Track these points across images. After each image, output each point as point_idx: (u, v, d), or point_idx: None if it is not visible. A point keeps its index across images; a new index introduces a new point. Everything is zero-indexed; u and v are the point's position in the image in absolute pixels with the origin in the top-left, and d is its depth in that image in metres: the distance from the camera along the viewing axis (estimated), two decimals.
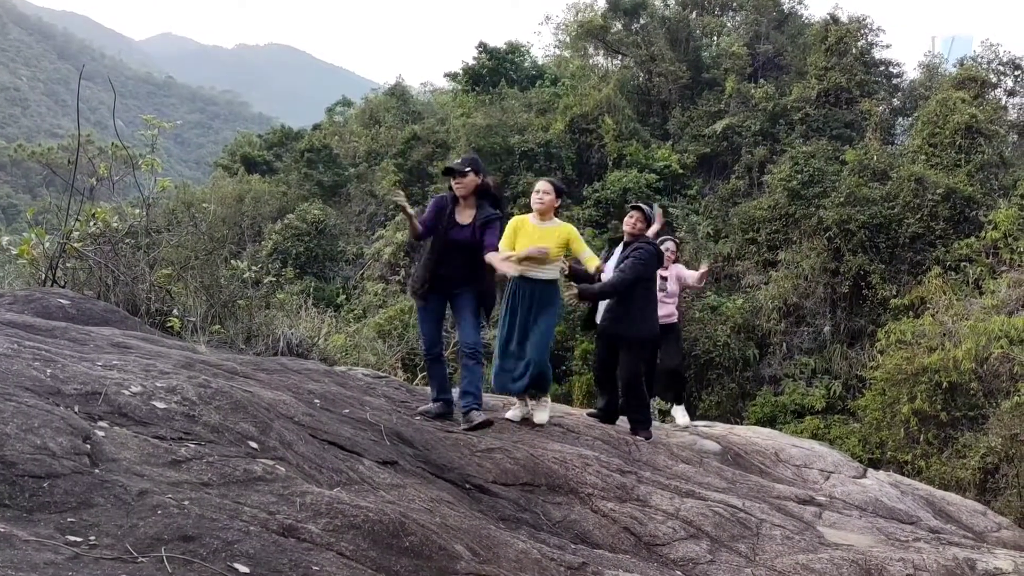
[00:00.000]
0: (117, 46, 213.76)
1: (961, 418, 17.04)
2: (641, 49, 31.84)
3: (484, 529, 3.62)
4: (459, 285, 5.86)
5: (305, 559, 2.55)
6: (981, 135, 23.14)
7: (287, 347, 7.51)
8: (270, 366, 5.41)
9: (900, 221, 22.27)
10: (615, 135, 28.21)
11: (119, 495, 2.60)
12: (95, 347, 4.40)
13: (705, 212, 26.87)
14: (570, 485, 4.99)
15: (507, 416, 6.35)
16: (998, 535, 7.34)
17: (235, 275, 8.31)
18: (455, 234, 5.84)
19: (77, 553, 2.26)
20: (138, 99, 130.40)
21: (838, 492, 7.13)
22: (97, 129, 35.37)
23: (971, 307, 18.73)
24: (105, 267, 7.09)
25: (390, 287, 31.19)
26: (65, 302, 5.72)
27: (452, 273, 5.84)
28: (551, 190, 6.33)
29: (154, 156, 7.89)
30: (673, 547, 4.65)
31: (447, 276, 5.85)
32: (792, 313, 23.15)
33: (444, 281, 5.88)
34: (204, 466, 3.01)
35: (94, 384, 3.36)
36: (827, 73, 27.12)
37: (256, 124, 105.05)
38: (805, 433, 18.07)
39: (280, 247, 32.98)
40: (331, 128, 46.85)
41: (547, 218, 6.39)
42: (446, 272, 5.85)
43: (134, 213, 8.04)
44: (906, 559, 5.03)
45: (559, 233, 6.34)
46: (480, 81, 35.28)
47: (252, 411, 3.63)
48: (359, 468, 3.81)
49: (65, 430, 2.82)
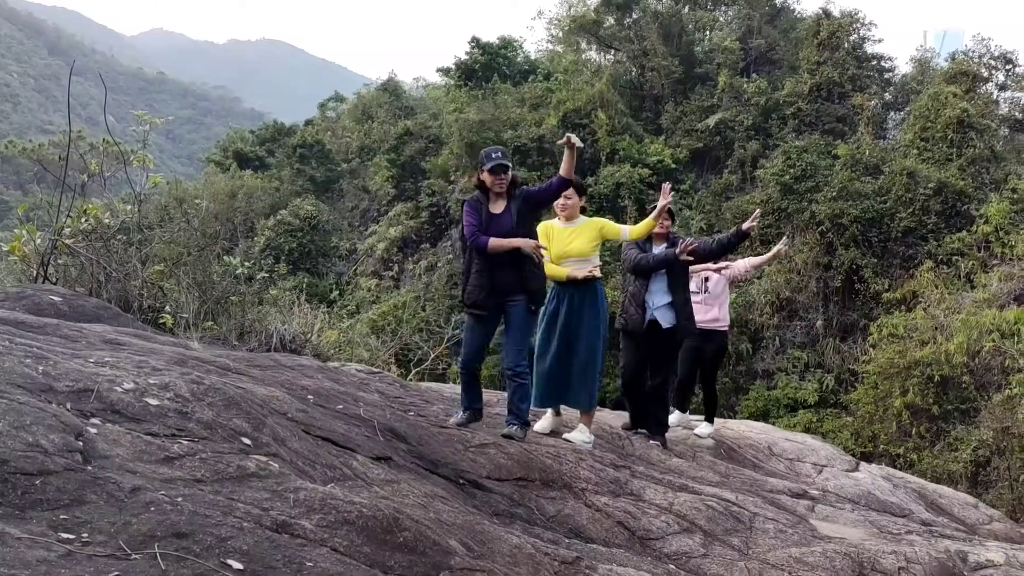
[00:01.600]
0: (108, 42, 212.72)
1: (953, 411, 17.10)
2: (634, 44, 31.81)
3: (478, 524, 3.63)
4: (512, 293, 5.64)
5: (299, 555, 2.55)
6: (972, 129, 23.18)
7: (280, 343, 7.49)
8: (263, 362, 5.40)
9: (892, 215, 22.32)
10: (608, 130, 28.19)
11: (112, 492, 2.59)
12: (87, 344, 4.38)
13: (698, 207, 26.89)
14: (564, 480, 5.00)
15: (536, 428, 6.20)
16: (989, 527, 7.38)
17: (228, 271, 8.28)
18: (495, 227, 5.62)
19: (70, 550, 2.26)
20: (129, 95, 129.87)
21: (831, 485, 7.17)
22: (88, 125, 35.22)
23: (963, 301, 18.78)
24: (97, 263, 7.06)
25: (384, 283, 31.17)
26: (57, 299, 5.70)
27: (504, 278, 5.62)
28: (573, 193, 6.21)
29: (146, 152, 7.85)
30: (667, 541, 4.66)
31: (499, 283, 5.62)
32: (785, 307, 23.19)
33: (498, 290, 5.64)
34: (197, 463, 3.00)
35: (86, 381, 3.35)
36: (819, 68, 27.13)
37: (248, 120, 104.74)
38: (798, 427, 18.12)
39: (273, 243, 32.92)
40: (324, 123, 46.79)
41: (574, 218, 6.31)
42: (500, 278, 5.61)
43: (126, 209, 8.01)
44: (898, 552, 5.05)
45: (590, 228, 6.26)
46: (473, 76, 35.23)
47: (245, 407, 3.62)
48: (353, 464, 3.81)
49: (57, 427, 2.81)
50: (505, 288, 5.62)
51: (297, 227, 33.46)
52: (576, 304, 6.15)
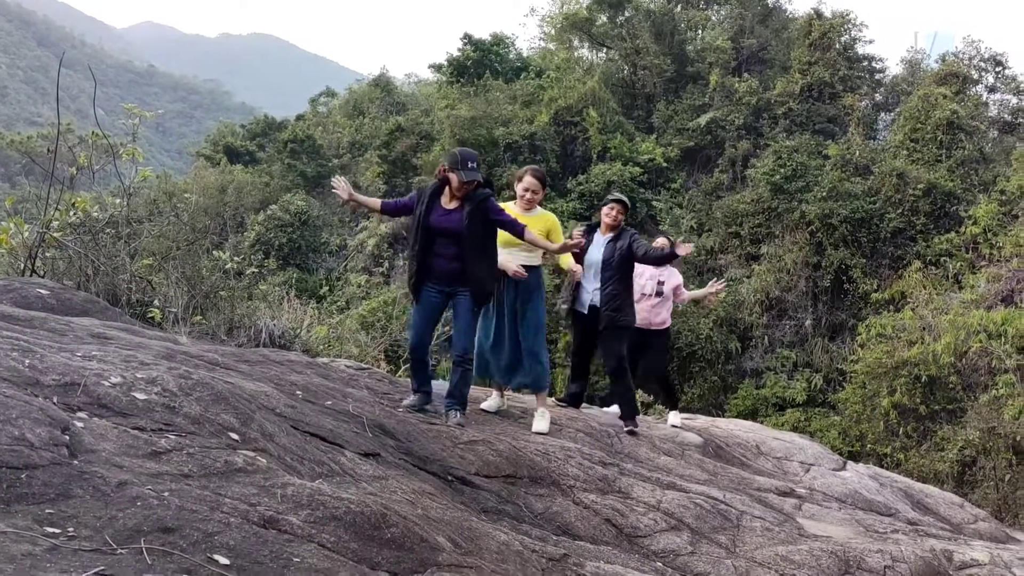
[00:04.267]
0: (98, 34, 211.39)
1: (940, 411, 17.20)
2: (626, 42, 31.81)
3: (466, 521, 3.63)
4: (455, 283, 5.65)
5: (286, 551, 2.54)
6: (962, 131, 23.30)
7: (269, 338, 7.48)
8: (252, 357, 5.39)
9: (881, 216, 22.42)
10: (599, 128, 28.20)
11: (98, 486, 2.58)
12: (74, 337, 4.36)
13: (689, 205, 26.93)
14: (552, 477, 5.00)
15: (483, 407, 6.39)
16: (975, 527, 7.43)
17: (217, 266, 8.26)
18: (438, 220, 5.62)
19: (55, 545, 2.24)
20: (119, 88, 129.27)
21: (818, 484, 7.19)
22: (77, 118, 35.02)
23: (950, 301, 18.89)
24: (85, 257, 7.03)
25: (373, 278, 31.13)
26: (44, 292, 5.67)
27: (443, 267, 5.63)
28: (540, 188, 6.38)
29: (135, 145, 7.81)
30: (654, 539, 4.67)
31: (440, 270, 5.65)
32: (774, 306, 23.27)
33: (438, 276, 5.67)
34: (184, 457, 2.99)
35: (73, 375, 3.33)
36: (810, 68, 27.20)
37: (239, 114, 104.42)
38: (786, 426, 18.20)
39: (263, 238, 32.84)
40: (315, 119, 46.66)
41: (531, 210, 6.45)
42: (437, 265, 5.64)
43: (115, 203, 7.97)
44: (884, 551, 5.08)
45: (543, 221, 6.38)
46: (465, 73, 35.18)
47: (233, 402, 3.61)
48: (341, 460, 3.80)
49: (43, 421, 2.79)
50: (447, 277, 5.67)
51: (287, 222, 33.38)
52: (522, 287, 6.27)
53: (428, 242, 5.64)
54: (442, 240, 5.63)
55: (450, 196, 5.69)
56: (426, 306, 5.76)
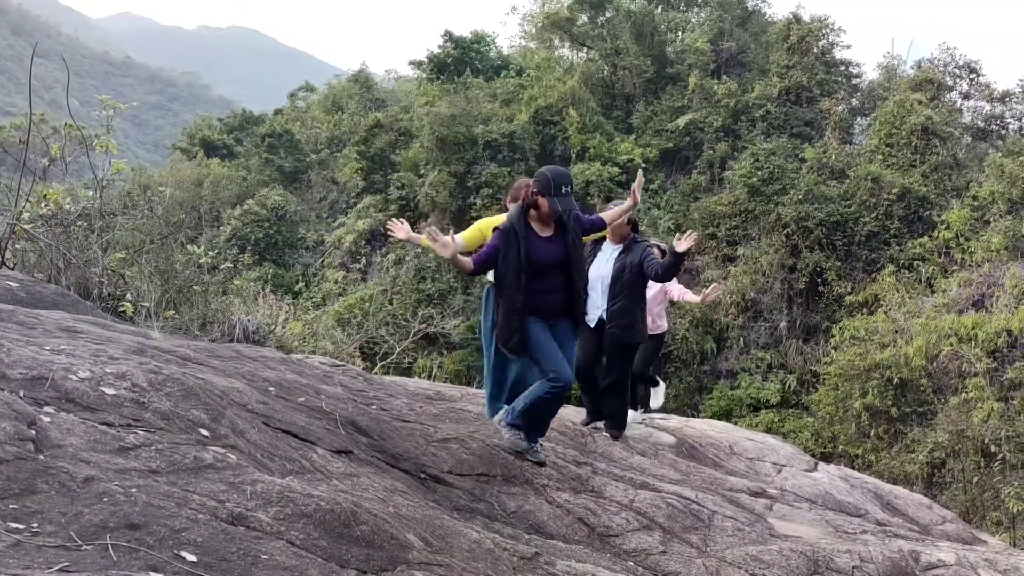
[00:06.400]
0: (74, 23, 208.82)
1: (911, 414, 17.42)
2: (606, 42, 31.89)
3: (437, 519, 3.62)
4: (556, 316, 5.08)
5: (254, 547, 2.53)
6: (936, 136, 23.58)
7: (243, 334, 7.42)
8: (225, 353, 5.34)
9: (856, 219, 22.64)
10: (579, 127, 28.25)
11: (64, 482, 2.55)
12: (43, 331, 4.31)
13: (666, 206, 27.05)
14: (525, 476, 5.01)
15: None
16: (943, 528, 7.51)
17: (191, 260, 8.18)
18: (541, 253, 4.99)
19: (19, 540, 2.22)
20: (95, 79, 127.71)
21: (789, 485, 7.25)
22: (51, 108, 34.57)
23: (923, 305, 19.13)
24: (56, 250, 6.94)
25: (351, 275, 31.00)
26: (14, 284, 5.59)
27: (551, 302, 5.04)
28: None
29: (109, 137, 7.72)
30: (626, 538, 4.69)
31: (547, 306, 5.03)
32: (750, 308, 23.43)
33: (545, 314, 5.07)
34: (153, 453, 2.96)
35: (41, 369, 3.29)
36: (788, 71, 27.41)
37: (216, 107, 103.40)
38: (760, 427, 18.33)
39: (239, 233, 32.61)
40: (293, 113, 46.40)
41: None
42: (542, 302, 5.01)
43: (87, 195, 7.88)
44: (853, 551, 5.13)
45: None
46: (445, 70, 35.12)
47: (204, 398, 3.58)
48: (312, 457, 3.79)
49: (9, 415, 2.76)
50: (548, 312, 5.11)
51: (264, 217, 33.18)
52: None
53: (533, 279, 4.97)
54: (549, 274, 5.05)
55: (539, 222, 5.10)
56: (544, 330, 5.04)
